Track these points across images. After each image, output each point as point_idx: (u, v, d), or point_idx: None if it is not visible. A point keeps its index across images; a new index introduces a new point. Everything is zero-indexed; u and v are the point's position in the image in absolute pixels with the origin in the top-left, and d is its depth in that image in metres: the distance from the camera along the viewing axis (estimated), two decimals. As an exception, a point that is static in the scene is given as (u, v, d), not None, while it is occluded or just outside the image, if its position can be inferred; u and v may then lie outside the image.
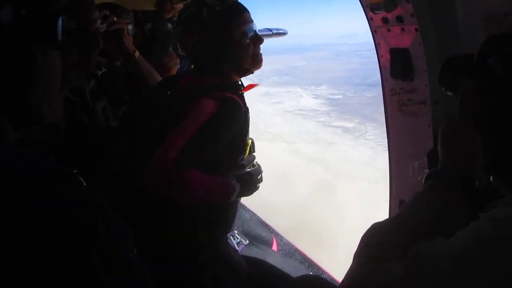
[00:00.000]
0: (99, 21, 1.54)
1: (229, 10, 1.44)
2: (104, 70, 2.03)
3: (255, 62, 1.51)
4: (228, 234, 1.74)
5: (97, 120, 1.64)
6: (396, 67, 1.42)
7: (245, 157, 1.46)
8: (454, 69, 0.87)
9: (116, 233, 0.56)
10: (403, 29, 1.35)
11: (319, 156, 7.86)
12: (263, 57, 1.48)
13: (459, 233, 0.59)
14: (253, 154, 1.49)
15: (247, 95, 1.47)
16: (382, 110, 1.59)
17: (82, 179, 0.57)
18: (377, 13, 1.36)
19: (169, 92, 1.48)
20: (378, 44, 1.47)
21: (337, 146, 9.18)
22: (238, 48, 1.45)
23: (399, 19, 1.33)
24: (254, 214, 2.97)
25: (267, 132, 9.83)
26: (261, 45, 1.46)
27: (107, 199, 0.58)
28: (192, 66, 1.66)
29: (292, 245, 2.59)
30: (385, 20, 1.38)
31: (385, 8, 1.31)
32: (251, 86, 1.59)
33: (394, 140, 1.59)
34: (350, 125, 11.25)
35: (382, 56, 1.48)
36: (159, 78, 1.86)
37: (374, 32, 1.46)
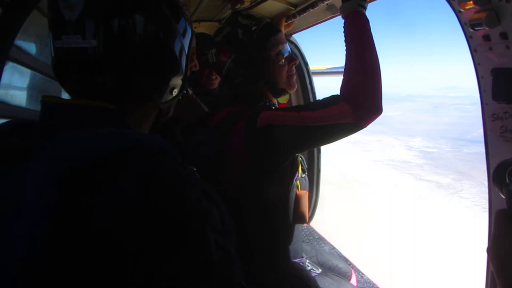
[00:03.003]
0: None
1: (264, 30, 1.46)
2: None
3: (290, 82, 1.51)
4: (296, 260, 1.67)
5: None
6: (499, 88, 1.29)
7: (298, 174, 1.42)
8: None
9: (226, 225, 0.62)
10: (507, 47, 1.24)
11: (407, 210, 7.31)
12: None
13: None
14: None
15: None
16: (482, 167, 1.43)
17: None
18: (478, 29, 1.27)
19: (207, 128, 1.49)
20: (478, 64, 1.35)
21: (428, 201, 8.48)
22: (274, 67, 1.46)
23: (503, 35, 1.22)
24: (334, 248, 2.84)
25: (355, 180, 9.52)
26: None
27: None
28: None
29: (375, 285, 2.38)
30: (486, 38, 1.28)
31: (488, 24, 1.22)
32: (284, 105, 1.59)
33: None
34: (445, 180, 10.36)
35: (482, 77, 1.36)
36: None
37: (473, 51, 1.35)
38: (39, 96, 1.95)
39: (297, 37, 3.17)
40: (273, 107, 1.46)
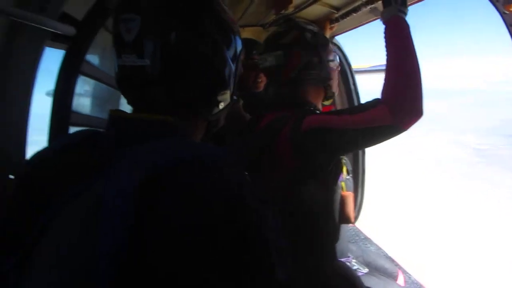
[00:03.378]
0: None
1: (322, 37, 1.52)
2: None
3: (337, 87, 1.57)
4: (342, 259, 1.72)
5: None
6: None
7: (343, 176, 1.47)
8: None
9: (279, 226, 0.68)
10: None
11: (459, 210, 7.02)
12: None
13: None
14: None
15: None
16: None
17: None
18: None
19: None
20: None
21: (482, 201, 8.06)
22: (332, 71, 1.52)
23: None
24: (380, 248, 2.84)
25: (402, 179, 9.24)
26: None
27: None
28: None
29: (422, 286, 2.37)
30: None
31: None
32: (327, 109, 1.61)
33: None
34: (499, 179, 9.80)
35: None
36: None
37: (510, 26, 1.34)
38: (103, 104, 2.15)
39: (339, 37, 3.20)
40: (317, 111, 1.50)
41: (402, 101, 1.21)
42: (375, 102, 1.26)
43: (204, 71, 0.79)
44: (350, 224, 1.87)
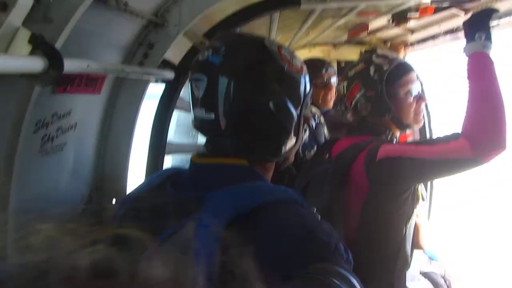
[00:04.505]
0: None
1: (396, 70, 1.53)
2: (317, 121, 2.40)
3: (417, 119, 1.58)
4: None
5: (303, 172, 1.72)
6: None
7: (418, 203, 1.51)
8: None
9: (349, 256, 0.73)
10: None
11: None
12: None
13: None
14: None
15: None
16: None
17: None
18: None
19: (327, 156, 1.60)
20: None
21: None
22: (402, 105, 1.54)
23: None
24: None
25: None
26: None
27: None
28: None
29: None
30: None
31: None
32: (404, 137, 1.62)
33: None
34: None
35: None
36: None
37: None
38: (187, 131, 2.38)
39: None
40: (395, 140, 1.56)
41: (484, 136, 1.22)
42: (456, 135, 1.27)
43: (268, 125, 0.85)
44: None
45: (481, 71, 1.29)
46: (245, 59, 0.83)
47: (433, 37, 2.30)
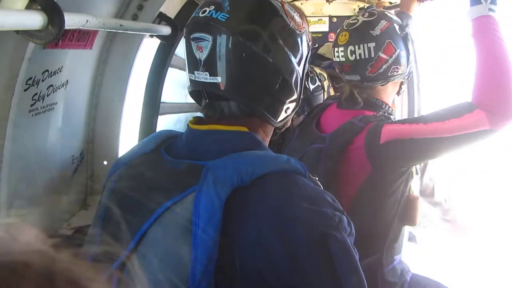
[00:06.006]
0: None
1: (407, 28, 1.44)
2: (316, 84, 2.35)
3: None
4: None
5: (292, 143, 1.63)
6: None
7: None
8: None
9: (352, 228, 0.72)
10: None
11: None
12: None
13: None
14: None
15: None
16: None
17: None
18: None
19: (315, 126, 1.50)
20: None
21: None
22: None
23: None
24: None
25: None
26: None
27: None
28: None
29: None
30: None
31: None
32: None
33: None
34: None
35: None
36: None
37: None
38: (182, 90, 2.29)
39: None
40: (392, 116, 1.46)
41: (499, 104, 1.17)
42: (468, 106, 1.21)
43: (273, 82, 0.81)
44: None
45: (489, 35, 1.21)
46: (252, 15, 0.77)
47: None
